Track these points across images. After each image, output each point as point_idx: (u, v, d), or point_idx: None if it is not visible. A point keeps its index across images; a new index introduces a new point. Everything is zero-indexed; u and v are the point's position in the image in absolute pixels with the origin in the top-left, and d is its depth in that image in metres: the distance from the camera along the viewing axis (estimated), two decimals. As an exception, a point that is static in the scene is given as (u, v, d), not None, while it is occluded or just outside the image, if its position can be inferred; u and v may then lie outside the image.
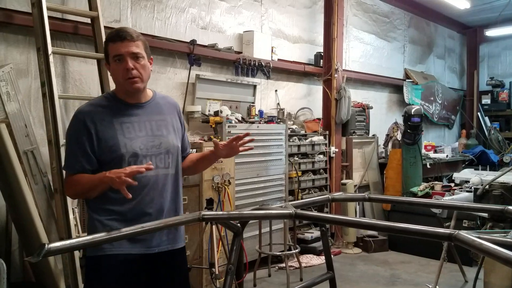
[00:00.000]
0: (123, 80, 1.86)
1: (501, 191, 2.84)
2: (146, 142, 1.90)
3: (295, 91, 6.21)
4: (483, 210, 2.23)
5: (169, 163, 1.98)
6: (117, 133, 1.86)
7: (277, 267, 4.90)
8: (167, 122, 2.01)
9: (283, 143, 5.13)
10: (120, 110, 1.91)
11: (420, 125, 5.94)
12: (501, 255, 1.28)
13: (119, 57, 1.84)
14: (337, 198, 2.55)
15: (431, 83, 8.81)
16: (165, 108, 2.04)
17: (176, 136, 2.04)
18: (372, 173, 6.55)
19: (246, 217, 2.10)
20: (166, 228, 1.91)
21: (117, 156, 1.84)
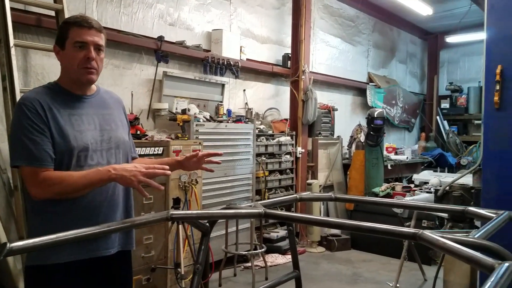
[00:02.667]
0: (78, 68, 1.73)
1: (460, 192, 2.97)
2: (96, 136, 1.78)
3: (263, 91, 6.24)
4: (445, 210, 2.32)
5: (120, 158, 1.87)
6: (66, 125, 1.70)
7: (242, 266, 4.91)
8: (114, 116, 1.91)
9: (251, 142, 5.14)
10: (66, 101, 1.76)
11: (383, 127, 6.12)
12: (463, 254, 1.34)
13: (82, 44, 1.71)
14: (305, 197, 2.59)
15: (393, 87, 9.08)
16: (111, 102, 1.94)
17: (125, 131, 1.95)
18: (336, 174, 6.68)
19: (215, 217, 2.09)
20: (133, 227, 1.87)
21: (66, 150, 1.68)
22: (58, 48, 1.76)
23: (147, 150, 3.69)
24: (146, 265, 3.57)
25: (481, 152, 2.86)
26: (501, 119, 2.76)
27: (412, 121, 10.01)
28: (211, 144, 4.54)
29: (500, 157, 2.74)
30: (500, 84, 2.73)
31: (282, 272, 4.83)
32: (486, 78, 2.85)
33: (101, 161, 1.78)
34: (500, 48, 2.79)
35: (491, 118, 2.81)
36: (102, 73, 4.38)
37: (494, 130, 2.79)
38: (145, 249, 3.62)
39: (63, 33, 1.74)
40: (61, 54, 1.75)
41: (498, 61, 2.79)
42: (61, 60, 1.77)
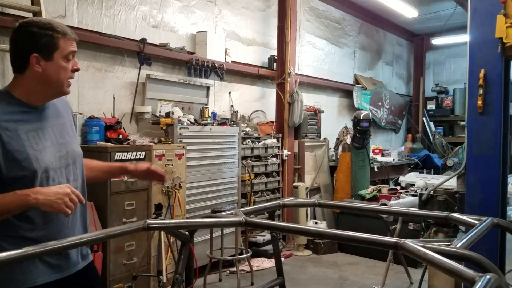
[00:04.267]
0: (65, 81, 1.64)
1: (444, 197, 2.96)
2: (54, 153, 1.65)
3: (249, 93, 6.20)
4: (428, 216, 2.30)
5: (77, 174, 1.75)
6: (25, 145, 1.55)
7: (228, 271, 4.85)
8: (67, 125, 1.77)
9: (236, 145, 5.10)
10: (22, 116, 1.59)
11: (369, 129, 6.11)
12: (444, 265, 1.30)
13: (73, 55, 1.65)
14: (288, 204, 2.54)
15: (379, 89, 9.11)
16: (61, 108, 1.78)
17: (76, 140, 1.83)
18: (323, 176, 6.66)
19: (194, 226, 2.03)
20: (108, 238, 1.81)
21: (29, 173, 1.54)
22: (41, 58, 1.58)
23: (129, 155, 3.62)
24: (127, 273, 3.50)
25: (465, 157, 2.85)
26: (484, 123, 2.75)
27: (399, 122, 10.05)
28: (195, 148, 4.48)
29: (484, 161, 2.73)
30: (483, 88, 2.72)
31: (268, 276, 4.79)
32: (470, 82, 2.84)
33: (62, 180, 1.66)
34: (483, 52, 2.78)
35: (475, 122, 2.80)
36: (83, 76, 4.30)
37: (477, 134, 2.78)
38: (126, 256, 3.54)
39: (51, 43, 1.58)
40: (43, 64, 1.58)
41: (481, 65, 2.78)
42: (43, 71, 1.58)
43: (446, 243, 1.66)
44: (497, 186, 2.70)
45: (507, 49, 2.67)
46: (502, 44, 2.66)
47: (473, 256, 1.42)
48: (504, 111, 2.78)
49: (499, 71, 2.71)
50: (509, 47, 2.64)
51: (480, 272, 1.37)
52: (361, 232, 4.37)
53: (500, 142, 2.71)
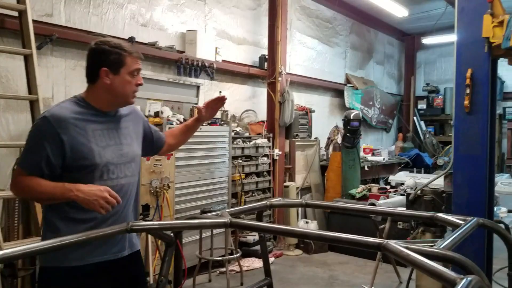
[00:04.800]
0: (130, 93, 1.92)
1: (432, 197, 2.96)
2: (116, 151, 1.94)
3: (240, 93, 6.18)
4: (414, 216, 2.30)
5: (134, 171, 2.02)
6: (90, 141, 1.85)
7: (218, 271, 4.83)
8: (130, 130, 2.05)
9: (227, 145, 5.08)
10: (91, 117, 1.89)
11: (359, 129, 6.12)
12: (426, 267, 1.30)
13: (137, 72, 1.92)
14: (276, 204, 2.53)
15: (370, 88, 9.13)
16: (132, 117, 2.08)
17: (138, 144, 2.10)
18: (314, 175, 6.66)
19: (178, 228, 2.01)
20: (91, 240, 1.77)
21: (91, 165, 1.83)
22: (110, 72, 1.85)
23: (117, 155, 3.57)
24: (115, 274, 3.46)
25: (453, 157, 2.85)
26: (471, 123, 2.75)
27: (390, 121, 10.09)
28: (184, 148, 4.44)
29: (471, 161, 2.73)
30: (470, 88, 2.72)
31: (258, 276, 4.78)
32: (457, 82, 2.84)
33: (120, 175, 1.94)
34: (470, 52, 2.78)
35: (462, 122, 2.80)
36: (70, 76, 4.25)
37: (465, 134, 2.78)
38: (114, 257, 3.50)
39: (119, 60, 1.86)
40: (111, 77, 1.85)
41: (469, 65, 2.78)
42: (115, 84, 1.86)
43: (430, 244, 1.66)
44: (484, 186, 2.71)
45: (494, 48, 2.67)
46: (489, 44, 2.67)
47: (456, 257, 1.42)
48: (491, 110, 2.78)
49: (486, 70, 2.71)
50: (496, 47, 2.65)
51: (462, 273, 1.37)
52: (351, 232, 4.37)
53: (487, 141, 2.72)
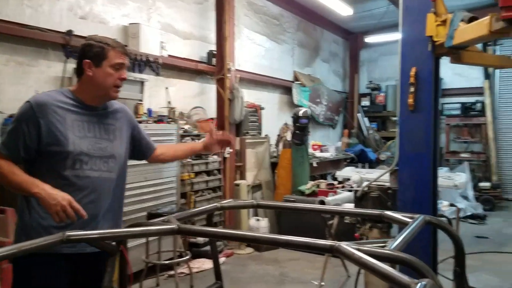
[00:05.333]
0: (111, 86, 1.95)
1: (378, 193, 3.02)
2: (93, 143, 1.96)
3: (188, 89, 6.02)
4: (363, 215, 2.31)
5: (112, 167, 2.02)
6: (67, 129, 1.89)
7: (166, 275, 4.68)
8: (115, 128, 2.07)
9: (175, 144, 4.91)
10: (73, 108, 1.94)
11: (307, 126, 6.18)
12: (379, 271, 1.27)
13: (120, 66, 1.96)
14: (226, 206, 2.44)
15: (317, 86, 9.27)
16: (120, 116, 2.11)
17: (123, 144, 2.10)
18: (264, 173, 6.64)
19: (121, 237, 1.87)
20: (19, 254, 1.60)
21: (63, 151, 1.87)
22: (92, 65, 1.92)
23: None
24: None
25: (397, 154, 2.91)
26: (416, 121, 2.82)
27: (336, 118, 10.31)
28: (129, 147, 4.26)
29: (415, 159, 2.80)
30: (414, 86, 2.78)
31: (209, 278, 4.68)
32: (402, 80, 2.90)
33: (94, 167, 1.95)
34: (415, 50, 2.84)
35: (407, 120, 2.86)
36: (3, 72, 3.94)
37: (409, 132, 2.85)
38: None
39: (102, 53, 1.93)
40: (94, 70, 1.93)
41: (413, 63, 2.84)
42: (96, 77, 1.93)
43: (381, 244, 1.65)
44: (429, 183, 2.79)
45: (437, 47, 2.74)
46: (433, 42, 2.74)
47: (407, 259, 1.41)
48: (435, 108, 2.87)
49: (430, 69, 2.79)
50: (439, 45, 2.72)
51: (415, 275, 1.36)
52: (302, 227, 4.39)
53: (432, 139, 2.80)
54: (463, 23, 2.40)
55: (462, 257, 2.16)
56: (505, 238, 6.30)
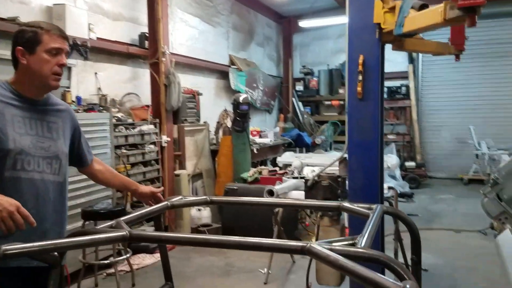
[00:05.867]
0: (49, 74, 1.78)
1: (328, 182, 3.02)
2: (35, 142, 1.81)
3: (119, 74, 5.64)
4: (322, 207, 2.28)
5: (56, 169, 1.88)
6: (6, 125, 1.73)
7: (105, 273, 4.41)
8: (58, 126, 1.92)
9: (108, 134, 4.60)
10: (13, 102, 1.78)
11: (248, 112, 6.09)
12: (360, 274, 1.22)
13: (57, 51, 1.79)
14: (177, 204, 2.29)
15: (253, 70, 9.19)
16: (59, 112, 1.95)
17: (66, 143, 1.95)
18: (204, 161, 6.47)
19: (66, 248, 1.66)
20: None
21: (3, 149, 1.71)
22: (25, 52, 1.76)
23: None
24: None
25: (346, 142, 2.92)
26: (364, 110, 2.82)
27: (272, 103, 10.33)
28: (59, 140, 3.89)
29: (365, 147, 2.81)
30: (362, 75, 2.78)
31: (151, 274, 4.49)
32: (349, 68, 2.88)
33: (37, 168, 1.80)
34: (362, 38, 2.82)
35: (355, 109, 2.86)
36: None
37: (357, 120, 2.85)
38: None
39: (34, 38, 1.76)
40: (27, 57, 1.77)
41: (360, 51, 2.83)
42: (27, 63, 1.77)
43: (350, 242, 1.61)
44: (377, 170, 2.82)
45: (384, 34, 2.75)
46: (380, 30, 2.73)
47: (381, 257, 1.37)
48: (380, 96, 2.89)
49: (377, 56, 2.79)
50: (386, 33, 2.72)
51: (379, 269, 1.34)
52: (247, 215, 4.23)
53: (379, 127, 2.83)
54: (413, 11, 2.41)
55: (418, 245, 2.22)
56: (432, 215, 6.74)
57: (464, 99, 9.77)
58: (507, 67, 9.24)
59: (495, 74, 9.35)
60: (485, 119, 9.49)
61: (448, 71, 9.85)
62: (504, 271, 1.79)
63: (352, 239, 1.61)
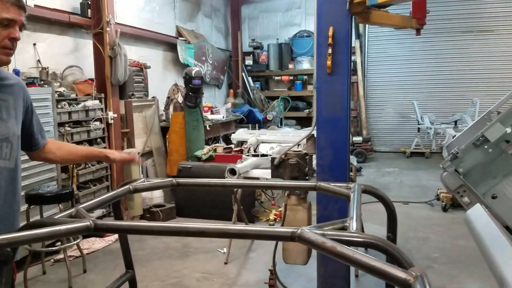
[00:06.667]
0: None
1: (296, 160, 2.93)
2: None
3: (60, 45, 5.15)
4: (298, 188, 2.19)
5: (7, 154, 1.65)
6: None
7: (53, 260, 4.12)
8: (9, 104, 1.69)
9: (50, 110, 4.22)
10: None
11: (201, 87, 5.85)
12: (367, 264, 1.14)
13: (8, 22, 1.57)
14: (140, 188, 2.11)
15: (202, 43, 8.85)
16: (10, 87, 1.71)
17: (17, 123, 1.72)
18: (154, 139, 6.18)
19: (21, 242, 1.44)
20: None
21: None
22: None
23: None
24: None
25: (315, 119, 2.83)
26: (333, 84, 2.73)
27: (221, 78, 10.07)
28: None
29: (334, 123, 2.74)
30: (332, 48, 2.67)
31: (103, 259, 4.25)
32: (318, 41, 2.76)
33: None
34: (332, 9, 2.70)
35: (324, 83, 2.76)
36: None
37: (327, 96, 2.76)
38: None
39: None
40: None
41: (330, 23, 2.71)
42: None
43: (340, 225, 1.53)
44: (345, 146, 2.77)
45: (353, 5, 2.65)
46: (350, 0, 2.63)
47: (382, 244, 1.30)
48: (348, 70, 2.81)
49: (347, 29, 2.69)
50: (356, 4, 2.63)
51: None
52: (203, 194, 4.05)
53: (348, 102, 2.76)
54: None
55: (394, 224, 2.20)
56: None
57: (407, 75, 10.09)
58: (448, 43, 9.61)
59: (437, 50, 9.71)
60: (427, 94, 9.88)
61: (392, 47, 10.09)
62: (480, 247, 1.81)
63: (342, 222, 1.53)
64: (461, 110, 9.05)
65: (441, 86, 9.80)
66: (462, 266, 3.92)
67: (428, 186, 6.81)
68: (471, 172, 3.25)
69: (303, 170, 2.92)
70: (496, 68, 9.39)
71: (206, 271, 3.95)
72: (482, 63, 9.49)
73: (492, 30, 9.40)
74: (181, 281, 3.78)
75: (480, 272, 3.75)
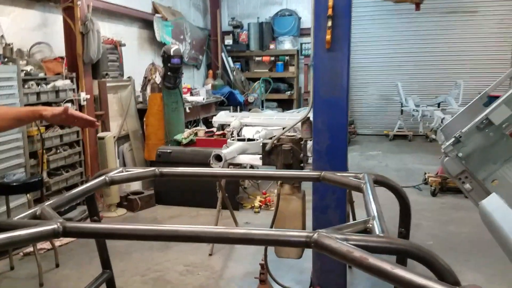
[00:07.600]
0: None
1: (290, 145, 2.68)
2: None
3: (26, 20, 4.71)
4: (300, 178, 1.95)
5: None
6: None
7: (21, 254, 3.79)
8: None
9: (16, 90, 3.86)
10: None
11: (181, 67, 5.50)
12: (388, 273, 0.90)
13: None
14: (117, 179, 1.83)
15: (179, 20, 8.41)
16: None
17: None
18: (131, 121, 5.82)
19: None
20: None
21: None
22: None
23: None
24: None
25: (311, 100, 2.57)
26: (333, 61, 2.48)
27: (200, 58, 9.67)
28: None
29: (332, 104, 2.50)
30: (332, 20, 2.41)
31: (76, 252, 3.94)
32: (316, 13, 2.48)
33: None
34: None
35: (322, 60, 2.50)
36: None
37: (325, 74, 2.50)
38: None
39: None
40: None
41: (329, -7, 2.44)
42: None
43: (362, 226, 1.29)
44: (344, 129, 2.53)
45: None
46: (352, -29, 2.37)
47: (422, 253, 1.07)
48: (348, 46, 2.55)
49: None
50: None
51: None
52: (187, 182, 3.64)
53: (348, 82, 2.51)
54: None
55: (408, 218, 1.97)
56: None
57: (391, 56, 9.92)
58: (432, 24, 9.47)
59: (421, 31, 9.55)
60: (411, 76, 9.76)
61: (376, 27, 9.88)
62: (501, 240, 1.61)
63: (363, 222, 1.30)
64: (444, 92, 8.97)
65: (424, 67, 9.68)
66: (456, 254, 3.79)
67: (413, 170, 6.70)
68: (471, 156, 3.07)
69: (298, 156, 2.67)
70: (479, 50, 9.32)
71: (189, 263, 3.71)
72: (466, 44, 9.40)
73: (476, 11, 9.29)
74: (163, 275, 3.52)
75: (476, 260, 3.64)
